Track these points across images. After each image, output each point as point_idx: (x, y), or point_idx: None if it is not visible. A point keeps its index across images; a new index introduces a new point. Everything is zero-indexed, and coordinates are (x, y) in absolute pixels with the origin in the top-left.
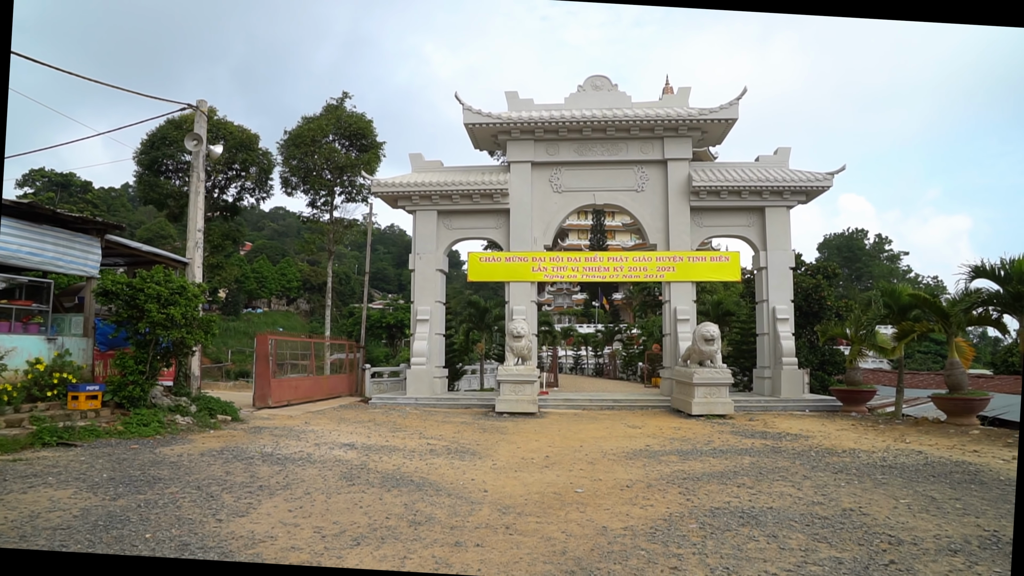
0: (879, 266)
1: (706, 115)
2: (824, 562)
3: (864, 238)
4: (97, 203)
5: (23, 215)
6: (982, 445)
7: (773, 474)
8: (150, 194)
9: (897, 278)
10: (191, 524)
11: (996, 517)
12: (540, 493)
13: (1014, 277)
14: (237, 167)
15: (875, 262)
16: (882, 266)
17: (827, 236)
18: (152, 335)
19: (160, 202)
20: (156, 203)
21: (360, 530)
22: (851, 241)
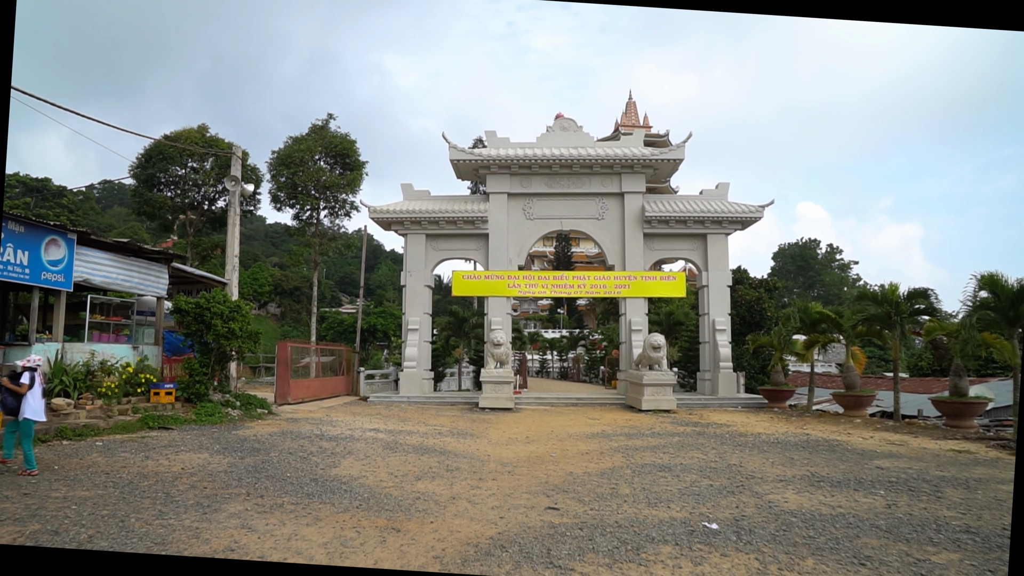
0: (831, 274)
1: (657, 155)
2: (703, 486)
3: (817, 247)
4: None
5: (117, 250)
6: (857, 430)
7: (691, 447)
8: (145, 207)
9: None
10: (309, 470)
11: (823, 466)
12: (527, 456)
13: (889, 299)
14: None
15: (827, 271)
16: (833, 275)
17: (781, 246)
18: (216, 344)
19: (153, 214)
20: (149, 215)
21: (416, 473)
22: (804, 250)
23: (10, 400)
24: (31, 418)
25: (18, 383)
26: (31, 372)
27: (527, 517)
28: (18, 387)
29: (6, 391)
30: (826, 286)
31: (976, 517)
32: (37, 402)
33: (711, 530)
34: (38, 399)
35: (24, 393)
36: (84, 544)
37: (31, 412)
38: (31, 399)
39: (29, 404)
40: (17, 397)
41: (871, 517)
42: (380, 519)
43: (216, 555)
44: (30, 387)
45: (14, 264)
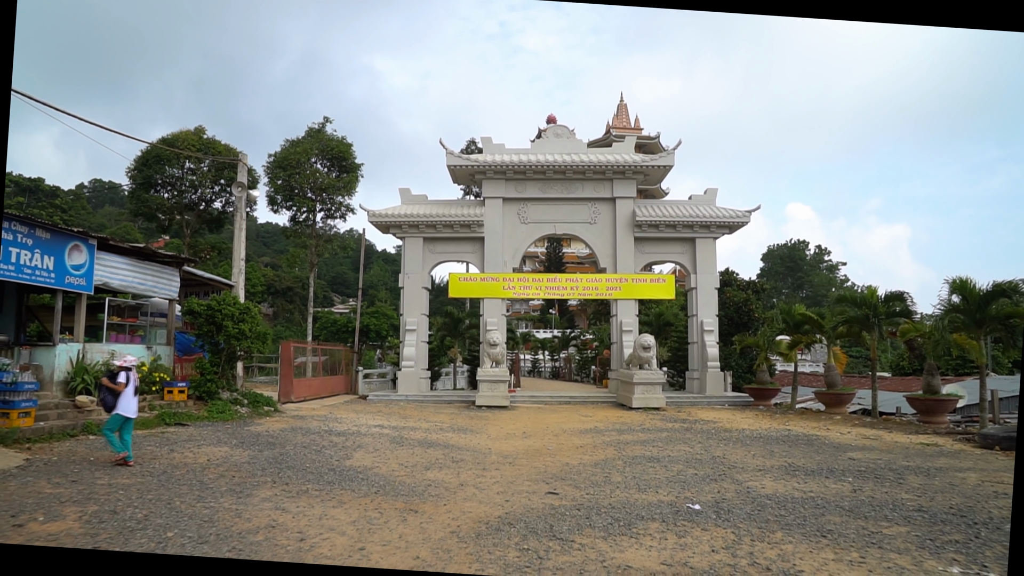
0: (819, 275)
1: (648, 162)
2: (689, 475)
3: (806, 249)
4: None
5: (133, 254)
6: (836, 426)
7: (679, 441)
8: (141, 208)
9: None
10: (325, 462)
11: (800, 457)
12: (525, 450)
13: (868, 302)
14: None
15: (815, 272)
16: (822, 276)
17: (771, 247)
18: (227, 345)
19: (150, 215)
20: (146, 216)
21: (424, 464)
22: (793, 252)
23: (109, 398)
24: (123, 414)
25: (115, 382)
26: (127, 372)
27: (530, 500)
28: (116, 386)
29: (106, 390)
30: (814, 287)
31: (929, 499)
32: (130, 400)
33: (694, 510)
34: (131, 397)
35: (121, 392)
36: (139, 524)
37: (123, 408)
38: (126, 397)
39: (123, 401)
40: (115, 395)
41: (837, 499)
42: (398, 502)
43: (258, 531)
44: (126, 386)
45: (41, 269)
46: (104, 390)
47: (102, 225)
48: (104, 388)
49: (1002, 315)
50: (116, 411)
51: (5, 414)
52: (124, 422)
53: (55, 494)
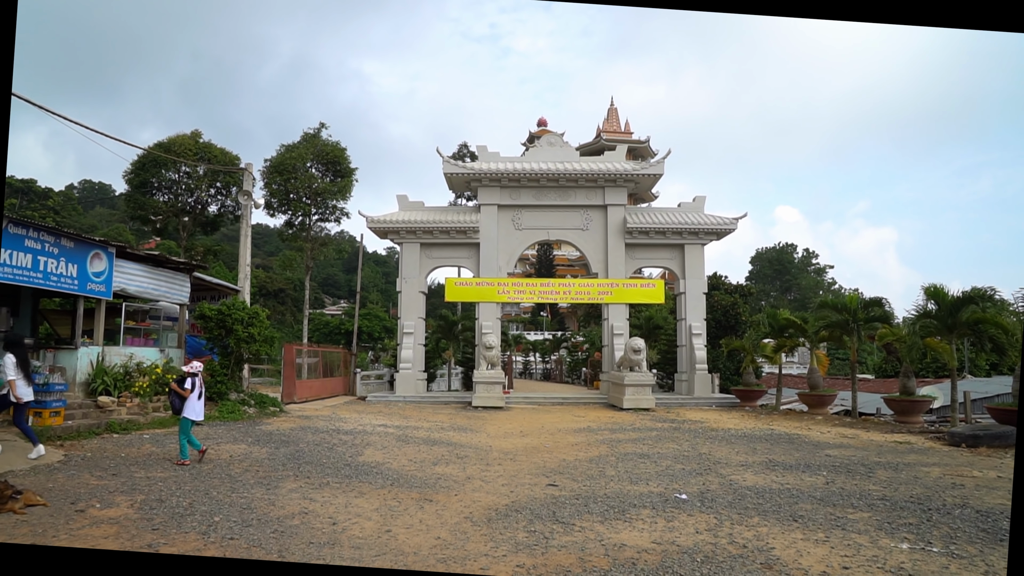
0: (807, 278)
1: (638, 171)
2: (676, 469)
3: (793, 252)
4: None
5: (147, 261)
6: (817, 425)
7: (668, 439)
8: (137, 211)
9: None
10: (339, 458)
11: (780, 454)
12: (524, 447)
13: (848, 308)
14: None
15: (803, 275)
16: (809, 278)
17: (759, 250)
18: (237, 348)
19: (145, 218)
20: (142, 219)
21: (431, 459)
22: (781, 255)
23: (177, 402)
24: (190, 418)
25: (183, 387)
26: (193, 378)
27: (532, 491)
28: (183, 391)
29: (174, 394)
30: (802, 290)
31: (893, 490)
32: (197, 404)
33: (681, 499)
34: (196, 401)
35: (187, 396)
36: (187, 510)
37: (190, 412)
38: (192, 401)
39: (189, 405)
40: (182, 399)
41: (810, 490)
42: (413, 493)
43: (293, 516)
44: (192, 391)
45: (65, 276)
46: (173, 394)
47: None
48: (173, 393)
49: (971, 321)
50: (184, 415)
51: (38, 413)
52: (184, 423)
53: (101, 485)
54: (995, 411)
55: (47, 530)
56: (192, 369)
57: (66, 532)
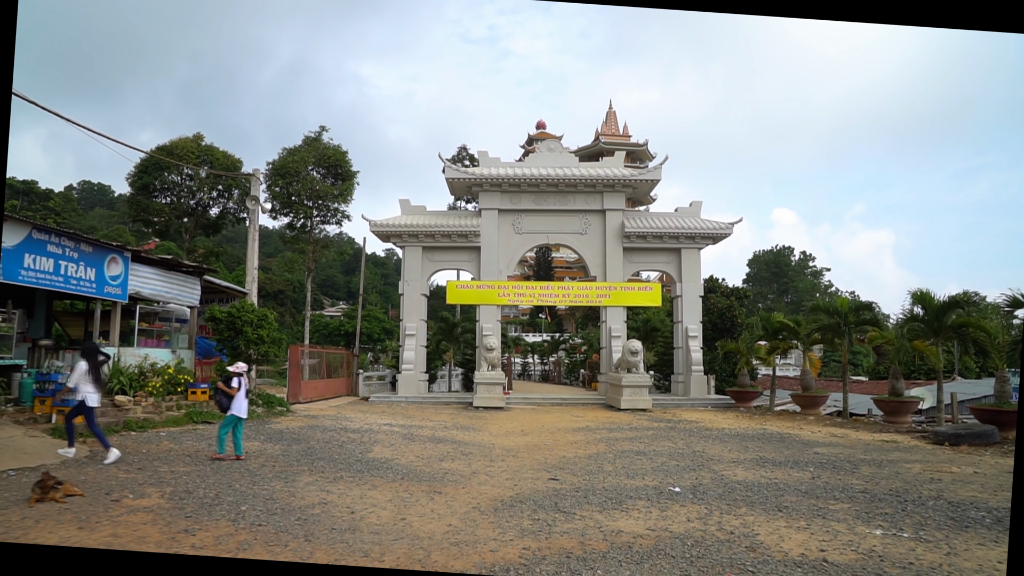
0: (804, 281)
1: (636, 176)
2: (671, 465)
3: (791, 255)
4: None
5: (160, 265)
6: (809, 425)
7: (664, 438)
8: (141, 214)
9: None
10: (349, 454)
11: (771, 452)
12: (525, 445)
13: (839, 311)
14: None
15: (800, 277)
16: (806, 281)
17: (756, 252)
18: (246, 349)
19: (148, 220)
20: (144, 221)
21: (438, 456)
22: (779, 257)
23: (224, 400)
24: (237, 415)
25: (229, 386)
26: (239, 377)
27: (535, 484)
28: (230, 390)
29: (221, 393)
30: (799, 292)
31: (874, 484)
32: (242, 402)
33: (675, 492)
34: (242, 399)
35: (233, 395)
36: (214, 500)
37: (236, 409)
38: (238, 399)
39: (236, 403)
40: (229, 398)
41: (796, 484)
42: (423, 486)
43: (314, 506)
44: (238, 390)
45: (84, 280)
46: (219, 393)
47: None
48: (219, 391)
49: (956, 324)
50: (230, 412)
51: (61, 411)
52: (237, 422)
53: (130, 478)
54: (977, 411)
55: (90, 517)
56: (238, 369)
57: (107, 519)
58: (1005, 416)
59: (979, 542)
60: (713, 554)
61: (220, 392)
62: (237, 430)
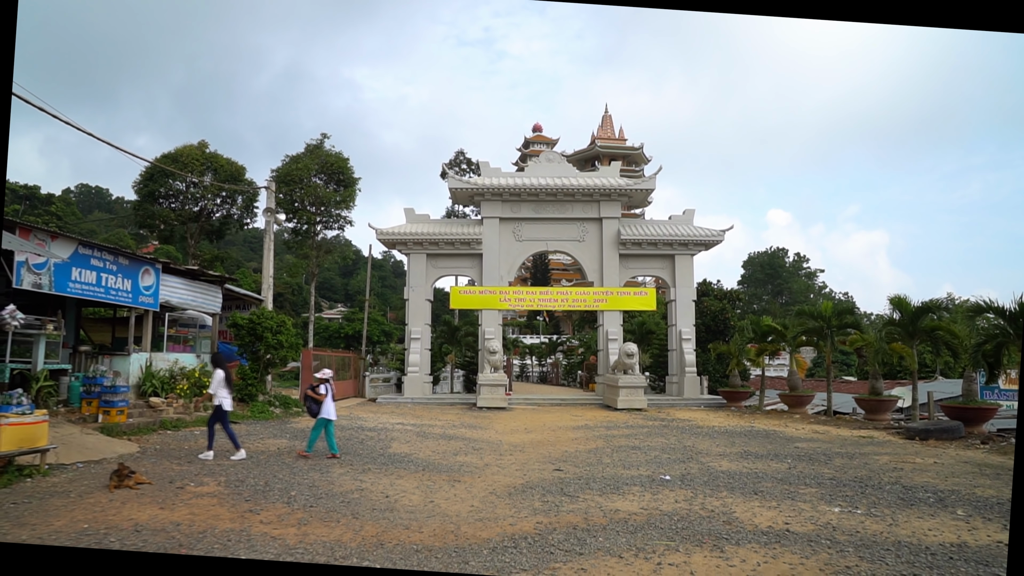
0: (798, 282)
1: (631, 186)
2: (663, 458)
3: (785, 256)
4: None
5: (187, 275)
6: (794, 423)
7: (657, 435)
8: (146, 220)
9: (813, 293)
10: (372, 449)
11: (755, 446)
12: (530, 441)
13: (823, 315)
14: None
15: (794, 278)
16: (800, 282)
17: (751, 254)
18: (266, 354)
19: (153, 226)
20: (149, 227)
21: (452, 451)
22: (773, 259)
23: (313, 406)
24: (327, 417)
25: (317, 393)
26: (326, 384)
27: (542, 474)
28: (318, 396)
29: (310, 399)
30: (793, 293)
31: (843, 473)
32: (330, 405)
33: (665, 480)
34: (330, 403)
35: (322, 401)
36: (265, 487)
37: (327, 413)
38: (327, 404)
39: (325, 407)
40: (318, 403)
41: (774, 473)
42: (443, 476)
43: (352, 492)
44: (326, 396)
45: (121, 290)
46: (309, 400)
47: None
48: (309, 399)
49: (929, 328)
50: (321, 415)
51: (107, 411)
52: (327, 423)
53: (184, 470)
54: (947, 408)
55: (165, 500)
56: (324, 375)
57: (180, 502)
58: (971, 413)
59: (918, 516)
60: (695, 526)
61: (309, 399)
62: (329, 431)
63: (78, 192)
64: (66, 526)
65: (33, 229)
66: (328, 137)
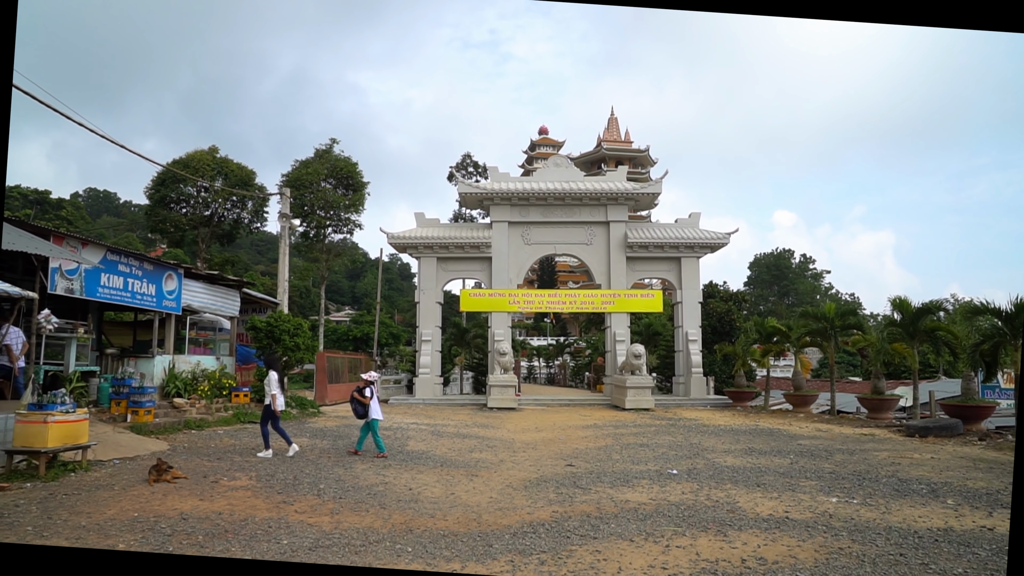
0: (804, 283)
1: (638, 190)
2: (671, 455)
3: (791, 257)
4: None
5: (207, 280)
6: (798, 421)
7: (665, 433)
8: (159, 225)
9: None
10: (390, 446)
11: (759, 443)
12: (541, 439)
13: (826, 316)
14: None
15: (800, 280)
16: (807, 283)
17: (757, 255)
18: (283, 356)
19: (164, 230)
20: (161, 231)
21: (467, 448)
22: (779, 260)
23: (360, 408)
24: (376, 418)
25: (363, 395)
26: (371, 386)
27: (555, 469)
28: (364, 398)
29: (357, 402)
30: (800, 294)
31: (842, 467)
32: (377, 407)
33: (672, 474)
34: (376, 404)
35: (368, 403)
36: (294, 481)
37: (374, 413)
38: (373, 405)
39: (372, 409)
40: (364, 406)
41: (776, 468)
42: (461, 471)
43: (377, 486)
44: (371, 398)
45: (146, 295)
46: (355, 403)
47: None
48: (356, 401)
49: (929, 328)
50: (369, 417)
51: (135, 411)
52: (373, 423)
53: (215, 466)
54: (947, 407)
55: (203, 493)
56: (370, 378)
57: (217, 494)
58: (969, 411)
59: (911, 505)
60: (700, 514)
61: (356, 401)
62: (375, 431)
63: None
64: (117, 514)
65: (66, 236)
66: (337, 142)
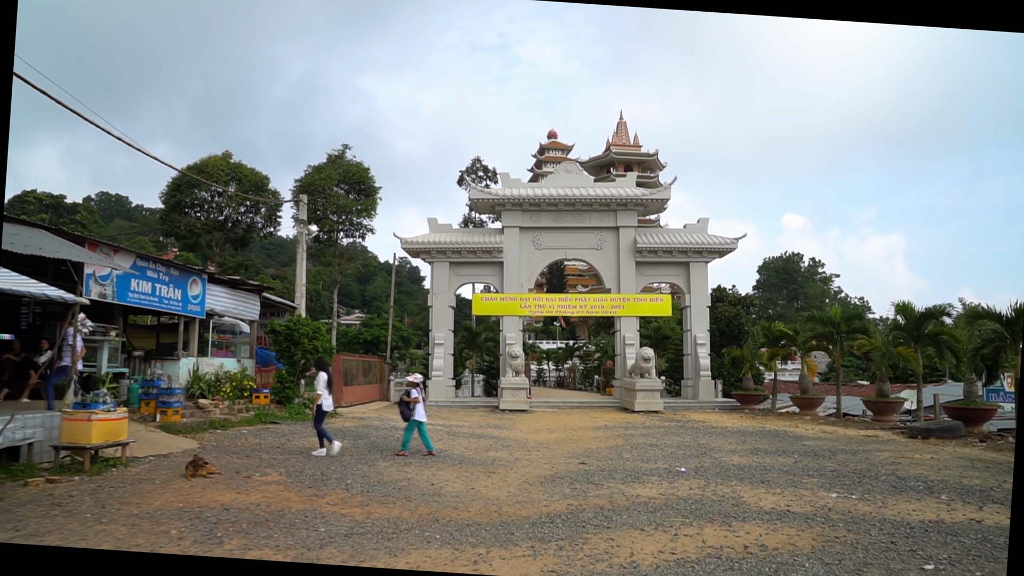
0: (813, 287)
1: (648, 196)
2: (679, 454)
3: (800, 261)
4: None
5: (228, 284)
6: (805, 424)
7: (673, 434)
8: (174, 229)
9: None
10: (411, 446)
11: (765, 444)
12: (554, 439)
13: (832, 321)
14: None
15: (809, 283)
16: (816, 287)
17: (766, 259)
18: (302, 359)
19: (179, 235)
20: (176, 236)
21: (483, 448)
22: (788, 264)
23: (406, 410)
24: (420, 420)
25: (410, 397)
26: (417, 388)
27: (568, 467)
28: (411, 400)
29: (403, 404)
30: (809, 298)
31: (844, 466)
32: (422, 408)
33: (680, 472)
34: (422, 407)
35: (414, 404)
36: (322, 477)
37: (419, 415)
38: (418, 407)
39: (417, 410)
40: (410, 408)
41: (780, 466)
42: (479, 468)
43: (400, 481)
44: (417, 400)
45: (173, 299)
46: (403, 405)
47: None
48: (403, 403)
49: (932, 333)
50: (414, 418)
51: (163, 411)
52: (419, 425)
53: (246, 463)
54: (949, 409)
55: (238, 487)
56: (415, 380)
57: (251, 488)
58: (972, 413)
59: (906, 500)
60: (707, 508)
61: (403, 404)
62: (422, 431)
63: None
64: (164, 505)
65: (99, 244)
66: (350, 148)
